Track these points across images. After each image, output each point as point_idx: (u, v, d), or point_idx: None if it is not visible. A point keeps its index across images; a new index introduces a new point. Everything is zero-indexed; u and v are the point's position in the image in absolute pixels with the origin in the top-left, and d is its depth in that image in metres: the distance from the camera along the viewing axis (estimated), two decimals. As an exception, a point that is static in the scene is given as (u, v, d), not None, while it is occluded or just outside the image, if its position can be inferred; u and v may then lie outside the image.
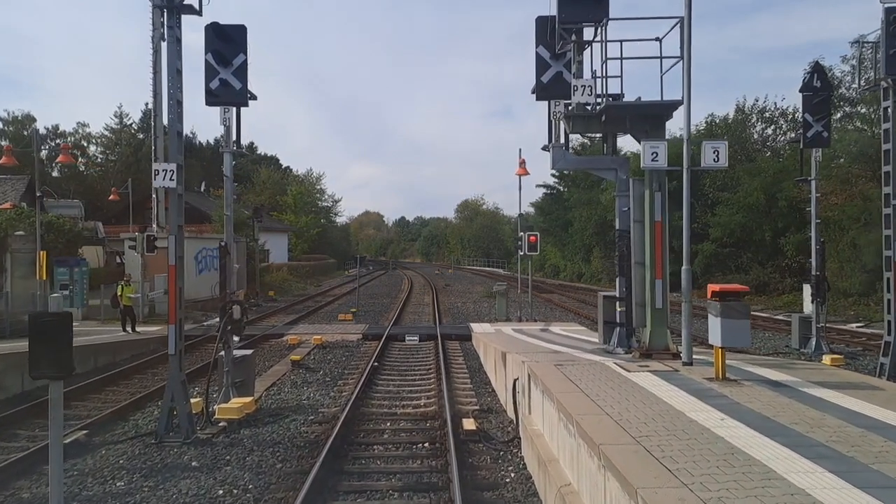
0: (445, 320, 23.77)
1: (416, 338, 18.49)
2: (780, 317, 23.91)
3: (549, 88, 10.01)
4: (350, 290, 40.40)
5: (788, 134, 36.00)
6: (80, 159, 62.97)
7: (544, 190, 58.67)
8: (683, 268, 8.15)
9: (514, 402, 9.11)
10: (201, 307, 26.30)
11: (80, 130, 66.59)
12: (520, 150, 21.74)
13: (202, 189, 56.05)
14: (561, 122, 10.07)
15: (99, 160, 66.70)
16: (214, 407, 9.79)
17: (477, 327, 19.14)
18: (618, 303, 10.18)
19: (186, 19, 9.39)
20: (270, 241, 54.50)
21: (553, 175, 58.78)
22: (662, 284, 8.77)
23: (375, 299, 33.27)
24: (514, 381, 9.17)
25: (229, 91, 10.33)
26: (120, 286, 17.87)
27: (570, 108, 9.68)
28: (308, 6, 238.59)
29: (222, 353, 10.30)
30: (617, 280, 10.25)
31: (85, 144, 65.54)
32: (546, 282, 49.56)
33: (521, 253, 21.68)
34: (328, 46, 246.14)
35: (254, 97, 10.79)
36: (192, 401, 9.56)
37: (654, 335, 9.00)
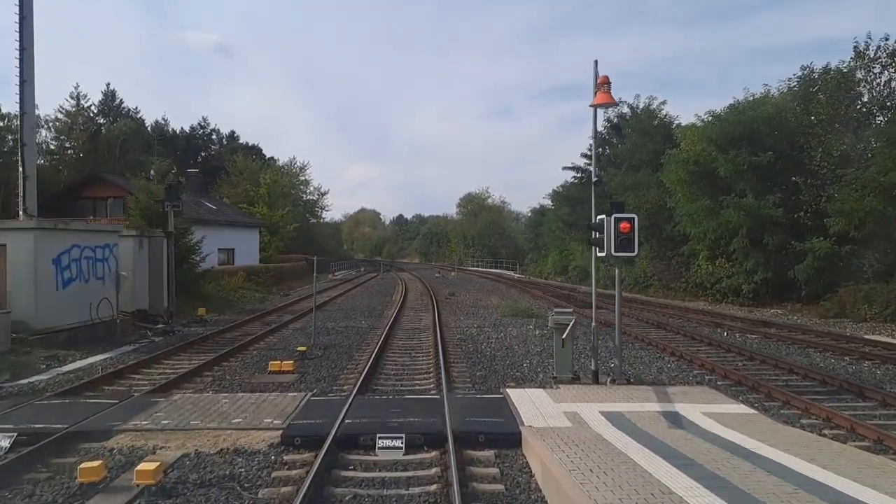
0: (456, 372, 13.61)
1: (399, 441, 8.38)
2: None
3: None
4: (326, 300, 30.28)
5: None
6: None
7: (572, 174, 48.72)
8: None
9: None
10: (64, 342, 16.15)
11: (29, 113, 56.63)
12: (595, 61, 11.72)
13: (151, 176, 46.15)
14: None
15: (52, 147, 58.11)
16: None
17: (522, 403, 9.25)
18: None
19: None
20: (236, 238, 44.56)
21: (584, 155, 48.81)
22: None
23: (350, 320, 23.07)
24: None
25: None
26: None
27: None
28: (308, 6, 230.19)
29: None
30: None
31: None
32: (578, 289, 39.24)
33: (601, 253, 11.62)
34: (328, 47, 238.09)
35: None
36: None
37: None
